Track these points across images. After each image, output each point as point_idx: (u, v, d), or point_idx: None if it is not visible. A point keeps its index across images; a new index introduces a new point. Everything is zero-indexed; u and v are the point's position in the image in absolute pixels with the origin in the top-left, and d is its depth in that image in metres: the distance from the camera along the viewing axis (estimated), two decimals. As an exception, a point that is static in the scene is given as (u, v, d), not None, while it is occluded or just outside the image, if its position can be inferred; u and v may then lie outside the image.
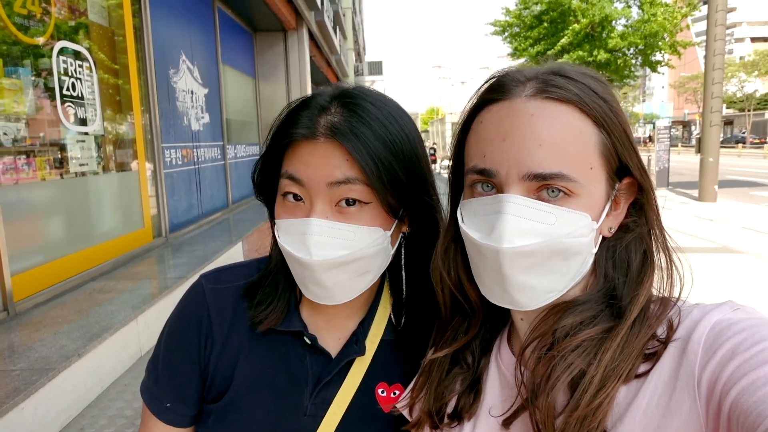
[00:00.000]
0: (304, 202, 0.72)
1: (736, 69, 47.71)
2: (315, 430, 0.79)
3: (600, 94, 0.62)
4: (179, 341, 0.84)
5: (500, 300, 0.65)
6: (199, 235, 6.56)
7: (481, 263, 0.64)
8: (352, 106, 0.73)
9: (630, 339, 0.59)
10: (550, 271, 0.61)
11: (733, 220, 9.19)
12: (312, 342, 0.81)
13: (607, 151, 0.62)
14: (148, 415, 0.86)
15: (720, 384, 0.50)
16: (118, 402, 3.00)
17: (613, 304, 0.62)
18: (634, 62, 18.67)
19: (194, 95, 7.18)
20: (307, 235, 0.70)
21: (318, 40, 13.55)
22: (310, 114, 0.73)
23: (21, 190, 3.80)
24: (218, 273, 0.88)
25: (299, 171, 0.71)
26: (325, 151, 0.70)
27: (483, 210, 0.63)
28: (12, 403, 2.35)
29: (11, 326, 3.33)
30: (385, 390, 0.83)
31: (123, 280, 4.42)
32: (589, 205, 0.61)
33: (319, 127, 0.71)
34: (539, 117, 0.60)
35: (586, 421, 0.56)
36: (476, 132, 0.66)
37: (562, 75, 0.63)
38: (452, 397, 0.74)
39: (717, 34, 11.24)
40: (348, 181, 0.70)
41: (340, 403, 0.80)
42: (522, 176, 0.60)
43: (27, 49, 3.88)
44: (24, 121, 3.85)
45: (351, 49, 28.15)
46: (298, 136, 0.71)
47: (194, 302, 0.84)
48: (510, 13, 19.72)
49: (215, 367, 0.82)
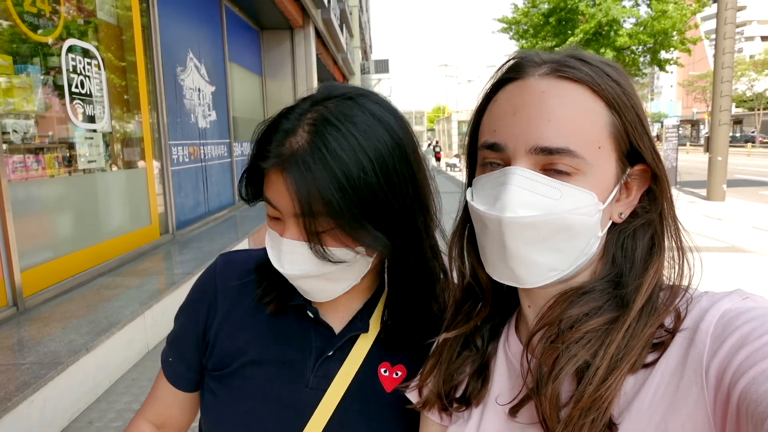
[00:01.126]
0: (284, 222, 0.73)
1: (746, 68, 47.30)
2: (317, 403, 0.80)
3: (613, 78, 0.63)
4: (188, 308, 0.91)
5: (502, 275, 0.65)
6: (205, 232, 6.59)
7: (486, 237, 0.64)
8: (319, 132, 0.69)
9: (636, 330, 0.58)
10: (553, 248, 0.61)
11: (741, 219, 9.12)
12: (314, 315, 0.83)
13: (617, 133, 0.62)
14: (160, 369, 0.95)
15: (729, 374, 0.50)
16: (125, 396, 3.03)
17: (619, 293, 0.62)
18: (642, 60, 18.58)
19: (201, 93, 7.22)
20: (282, 253, 0.73)
21: (324, 37, 13.56)
22: (278, 139, 0.71)
23: (30, 187, 3.84)
24: (234, 252, 0.95)
25: (272, 198, 0.72)
26: (285, 182, 0.69)
27: (490, 184, 0.64)
28: (22, 396, 2.39)
29: (21, 321, 3.37)
30: (388, 370, 0.84)
31: (130, 277, 4.46)
32: (596, 184, 0.61)
33: (281, 154, 0.69)
34: (550, 94, 0.61)
35: (590, 411, 0.56)
36: (490, 111, 0.67)
37: (577, 58, 0.64)
38: (462, 380, 0.74)
39: (726, 33, 11.15)
40: (312, 213, 0.68)
41: (343, 379, 0.81)
42: (529, 149, 0.60)
43: (37, 47, 3.92)
44: (33, 119, 3.89)
45: (357, 47, 28.16)
46: (266, 165, 0.71)
47: (206, 275, 0.92)
48: (518, 11, 19.67)
49: (216, 334, 0.86)
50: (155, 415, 0.94)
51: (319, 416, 0.80)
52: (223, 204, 7.99)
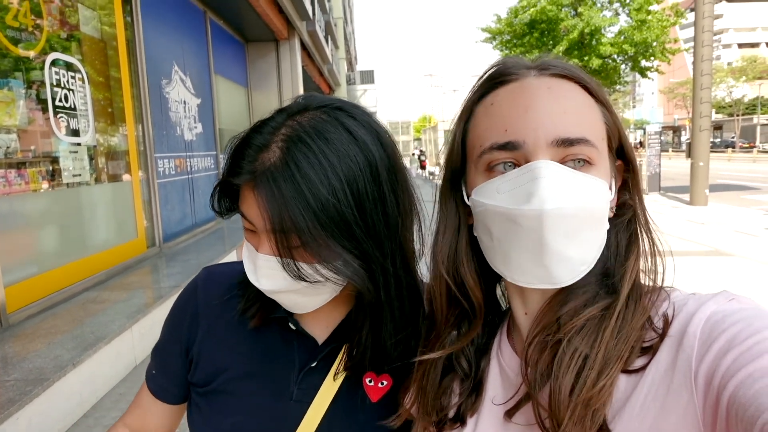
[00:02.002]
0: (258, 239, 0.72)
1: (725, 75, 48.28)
2: (301, 416, 0.79)
3: (592, 78, 0.67)
4: (171, 323, 0.91)
5: (534, 278, 0.62)
6: (192, 245, 6.55)
7: (512, 238, 0.61)
8: (290, 150, 0.68)
9: (626, 318, 0.59)
10: (583, 240, 0.60)
11: (723, 223, 9.26)
12: (296, 327, 0.83)
13: (608, 127, 0.65)
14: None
15: (717, 377, 0.49)
16: (113, 411, 2.99)
17: (608, 282, 0.63)
18: (624, 68, 18.91)
19: (187, 105, 7.20)
20: (258, 268, 0.72)
21: (310, 49, 13.61)
22: (250, 154, 0.69)
23: (14, 202, 3.79)
24: (216, 266, 0.94)
25: (246, 212, 0.71)
26: (256, 199, 0.68)
27: (510, 184, 0.61)
28: (7, 413, 2.34)
29: (4, 337, 3.31)
30: (373, 380, 0.83)
31: (117, 290, 4.41)
32: (605, 175, 0.63)
33: (253, 170, 0.68)
34: (557, 89, 0.63)
35: (590, 404, 0.56)
36: (487, 115, 0.65)
37: (558, 60, 0.67)
38: (451, 401, 0.72)
39: (704, 41, 11.38)
40: (284, 230, 0.67)
41: (327, 390, 0.80)
42: (550, 142, 0.60)
43: (19, 61, 3.89)
44: (16, 133, 3.85)
45: (343, 59, 28.25)
46: (238, 181, 0.70)
47: (188, 290, 0.91)
48: (501, 21, 19.90)
49: (199, 350, 0.86)
50: (136, 423, 0.94)
51: (305, 429, 0.79)
52: (210, 216, 7.94)
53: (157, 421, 0.93)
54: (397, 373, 0.83)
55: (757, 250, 7.03)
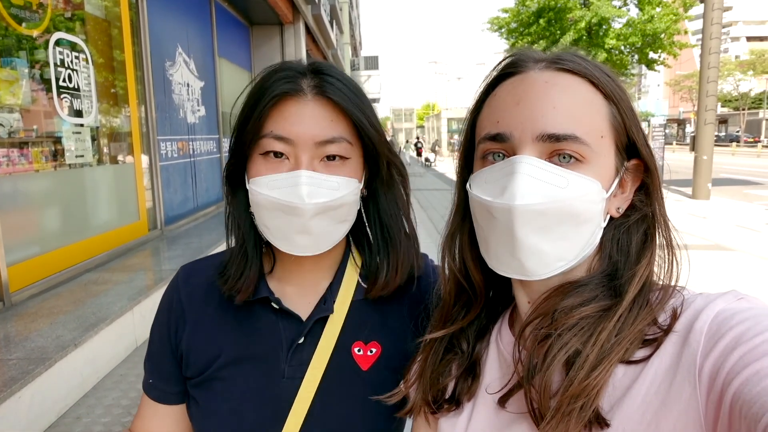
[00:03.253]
0: (288, 159, 0.76)
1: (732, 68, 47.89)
2: (295, 392, 0.81)
3: (607, 72, 0.65)
4: (158, 325, 0.91)
5: (508, 268, 0.64)
6: (194, 228, 6.56)
7: (491, 228, 0.64)
8: (327, 74, 0.78)
9: (627, 321, 0.59)
10: (561, 237, 0.61)
11: (726, 218, 9.25)
12: (279, 306, 0.84)
13: (617, 124, 0.64)
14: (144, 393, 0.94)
15: (722, 374, 0.50)
16: (114, 392, 3.02)
17: (613, 284, 0.62)
18: (631, 60, 18.74)
19: (190, 88, 7.16)
20: (299, 186, 0.74)
21: (314, 34, 13.51)
22: (291, 76, 0.77)
23: (17, 182, 3.80)
24: (194, 262, 0.95)
25: (286, 130, 0.75)
26: (312, 111, 0.75)
27: (494, 176, 0.63)
28: (9, 391, 2.37)
29: (7, 317, 3.34)
30: (362, 348, 0.85)
31: (118, 272, 4.43)
32: (600, 173, 0.62)
33: (305, 86, 0.76)
34: (553, 84, 0.62)
35: (578, 399, 0.56)
36: (489, 105, 0.67)
37: (573, 54, 0.66)
38: (448, 382, 0.74)
39: (713, 33, 11.28)
40: (334, 141, 0.76)
41: (318, 364, 0.82)
42: (536, 137, 0.60)
43: (23, 40, 3.87)
44: (19, 112, 3.84)
45: (347, 44, 28.08)
46: (290, 92, 0.75)
47: (170, 288, 0.92)
48: (508, 11, 19.71)
49: (188, 345, 0.87)
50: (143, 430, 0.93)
51: (300, 404, 0.81)
52: (211, 200, 7.95)
53: (165, 425, 0.92)
54: (386, 339, 0.86)
55: (759, 245, 7.03)
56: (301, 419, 0.81)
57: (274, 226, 0.78)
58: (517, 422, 0.65)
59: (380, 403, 0.82)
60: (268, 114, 0.76)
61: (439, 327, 0.77)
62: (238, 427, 0.82)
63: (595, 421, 0.57)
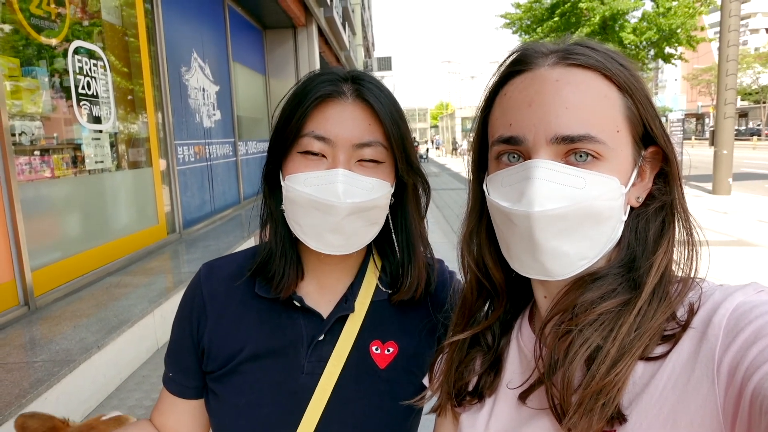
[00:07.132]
0: (326, 158, 0.79)
1: (751, 60, 46.95)
2: (314, 387, 0.83)
3: (620, 62, 0.63)
4: (180, 321, 0.93)
5: (531, 270, 0.64)
6: (212, 231, 6.63)
7: (511, 233, 0.63)
8: (365, 81, 0.82)
9: (647, 314, 0.58)
10: (582, 237, 0.60)
11: (747, 213, 9.09)
12: (301, 303, 0.86)
13: (632, 115, 0.62)
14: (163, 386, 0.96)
15: (742, 369, 0.49)
16: (136, 393, 3.07)
17: (631, 276, 0.62)
18: (647, 54, 18.51)
19: (206, 93, 7.25)
20: (335, 184, 0.76)
21: (327, 36, 13.56)
22: (333, 80, 0.80)
23: (39, 188, 3.88)
24: (216, 259, 0.97)
25: (327, 130, 0.78)
26: (352, 113, 0.79)
27: (511, 179, 0.63)
28: (36, 393, 2.43)
29: (32, 320, 3.41)
30: (379, 347, 0.87)
31: (139, 275, 4.50)
32: (618, 169, 0.61)
33: (346, 90, 0.80)
34: (564, 82, 0.61)
35: (600, 395, 0.55)
36: (500, 105, 0.66)
37: (583, 45, 0.64)
38: (473, 377, 0.75)
39: (731, 25, 11.09)
40: (370, 144, 0.79)
41: (336, 361, 0.84)
42: (550, 139, 0.59)
43: (43, 49, 3.96)
44: (41, 120, 3.93)
45: (360, 45, 28.12)
46: (332, 94, 0.79)
47: (191, 286, 0.93)
48: (521, 7, 19.61)
49: (210, 339, 0.88)
50: (161, 423, 0.95)
51: (318, 399, 0.83)
52: (228, 203, 8.03)
53: (182, 420, 0.94)
54: (403, 339, 0.88)
55: (781, 240, 6.89)
56: (318, 414, 0.82)
57: (306, 224, 0.80)
58: (538, 417, 0.65)
59: (396, 400, 0.83)
60: (309, 114, 0.78)
61: (462, 325, 0.77)
62: (257, 420, 0.84)
63: (615, 417, 0.56)
